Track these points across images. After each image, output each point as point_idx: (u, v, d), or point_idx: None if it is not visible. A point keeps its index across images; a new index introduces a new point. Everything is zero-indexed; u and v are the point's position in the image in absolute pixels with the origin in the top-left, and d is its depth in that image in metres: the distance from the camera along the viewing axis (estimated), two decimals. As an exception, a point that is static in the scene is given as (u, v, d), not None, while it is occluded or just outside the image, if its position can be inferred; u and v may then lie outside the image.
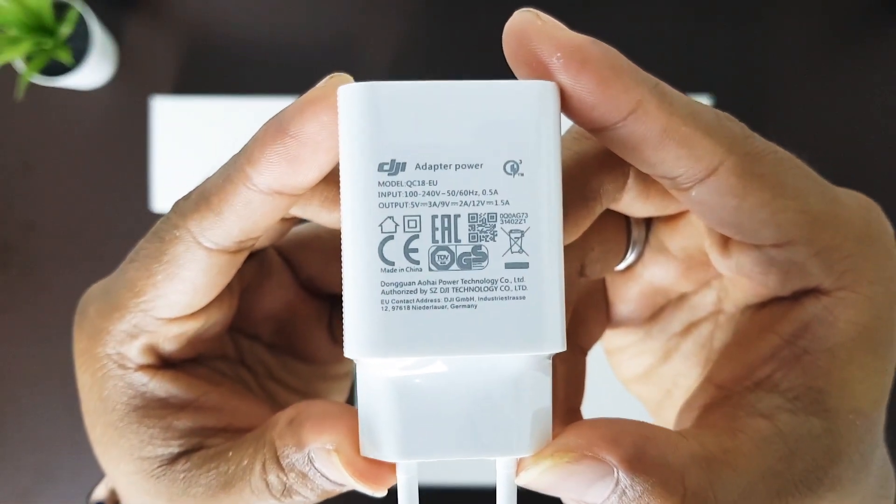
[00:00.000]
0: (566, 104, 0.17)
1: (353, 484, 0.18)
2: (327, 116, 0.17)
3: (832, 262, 0.18)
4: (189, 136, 0.73)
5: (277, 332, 0.25)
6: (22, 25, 0.67)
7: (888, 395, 0.19)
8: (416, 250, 0.16)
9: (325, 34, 0.76)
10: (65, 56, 0.68)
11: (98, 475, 0.76)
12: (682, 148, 0.17)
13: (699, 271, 0.22)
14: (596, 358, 0.25)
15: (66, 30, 0.68)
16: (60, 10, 0.70)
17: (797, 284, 0.19)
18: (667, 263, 0.23)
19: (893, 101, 0.75)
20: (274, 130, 0.17)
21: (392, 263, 0.16)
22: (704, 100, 0.71)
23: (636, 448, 0.17)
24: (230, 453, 0.19)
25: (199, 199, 0.19)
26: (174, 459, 0.20)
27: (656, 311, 0.24)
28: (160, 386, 0.20)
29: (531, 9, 0.17)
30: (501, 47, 0.17)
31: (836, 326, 0.18)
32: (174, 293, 0.19)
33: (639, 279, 0.23)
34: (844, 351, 0.18)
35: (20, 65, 0.69)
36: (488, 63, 0.75)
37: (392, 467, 0.18)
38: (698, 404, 0.20)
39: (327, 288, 0.25)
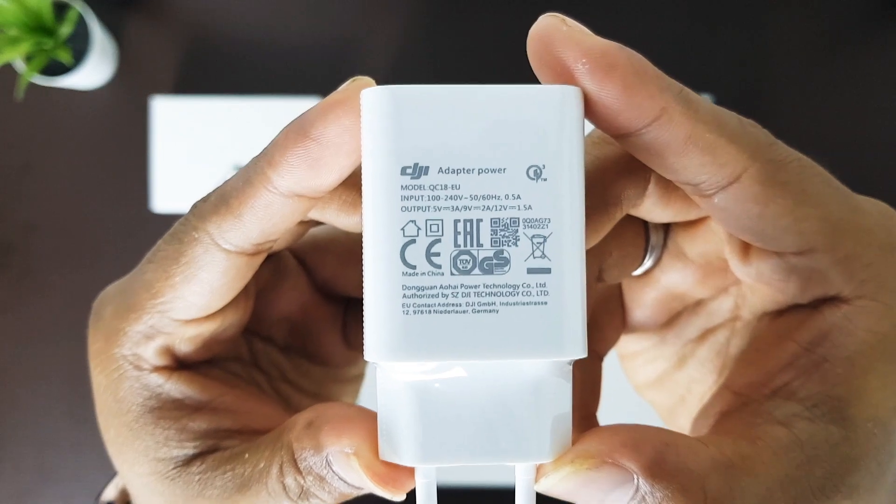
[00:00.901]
0: (590, 109, 0.17)
1: (371, 487, 0.18)
2: (349, 120, 0.17)
3: (853, 270, 0.18)
4: (189, 136, 0.73)
5: (291, 335, 0.25)
6: (22, 25, 0.67)
7: None
8: (438, 254, 0.16)
9: (325, 34, 0.76)
10: (65, 56, 0.68)
11: (99, 475, 0.76)
12: (706, 155, 0.17)
13: (717, 277, 0.22)
14: (609, 364, 0.25)
15: (66, 30, 0.68)
16: (60, 10, 0.70)
17: (817, 292, 0.19)
18: (684, 269, 0.22)
19: (893, 102, 0.75)
20: (295, 133, 0.17)
21: (414, 267, 0.16)
22: (704, 100, 0.71)
23: (656, 454, 0.17)
24: (246, 455, 0.19)
25: (219, 202, 0.19)
26: (189, 461, 0.20)
27: (672, 317, 0.24)
28: (176, 387, 0.20)
29: (556, 13, 0.17)
30: (504, 48, 0.17)
31: (855, 335, 0.18)
32: (192, 295, 0.19)
33: (656, 284, 0.23)
34: (863, 359, 0.18)
35: (20, 65, 0.69)
36: (490, 63, 0.75)
37: (411, 471, 0.18)
38: (715, 411, 0.20)
39: (342, 291, 0.25)
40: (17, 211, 0.75)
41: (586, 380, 0.22)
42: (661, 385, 0.25)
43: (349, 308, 0.25)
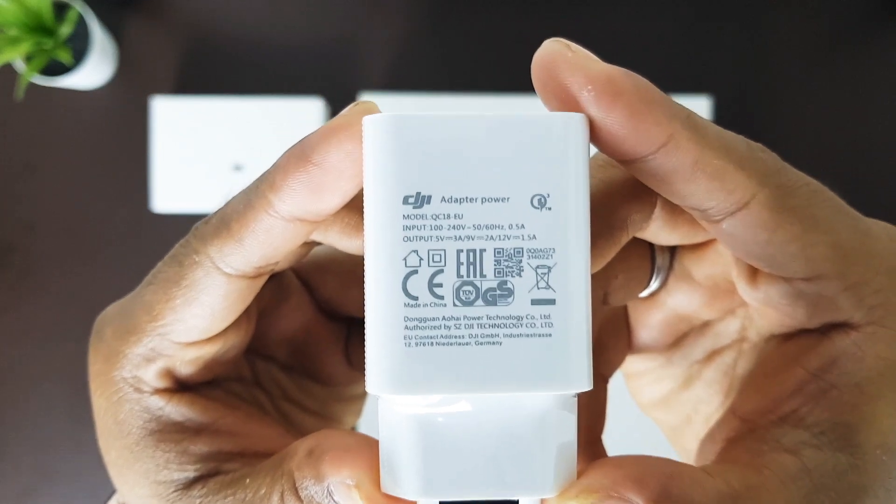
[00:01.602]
0: (595, 135, 0.17)
1: None
2: (351, 145, 0.17)
3: (862, 296, 0.18)
4: (189, 136, 0.73)
5: (294, 354, 0.25)
6: (22, 25, 0.67)
7: None
8: (440, 285, 0.16)
9: (325, 34, 0.76)
10: (65, 56, 0.68)
11: (99, 475, 0.76)
12: (714, 181, 0.17)
13: (724, 300, 0.22)
14: (614, 382, 0.25)
15: (66, 30, 0.68)
16: (60, 10, 0.70)
17: (826, 318, 0.19)
18: (691, 291, 0.22)
19: (893, 101, 0.75)
20: (297, 158, 0.17)
21: (416, 298, 0.16)
22: (704, 100, 0.71)
23: (662, 487, 0.16)
24: (247, 480, 0.19)
25: (220, 225, 0.18)
26: (190, 484, 0.20)
27: (679, 338, 0.24)
28: (176, 410, 0.20)
29: (561, 39, 0.17)
30: (505, 48, 0.17)
31: (865, 361, 0.18)
32: (192, 318, 0.19)
33: (662, 306, 0.23)
34: (872, 386, 0.18)
35: (20, 65, 0.69)
36: (491, 64, 0.75)
37: None
38: (722, 436, 0.20)
39: (345, 311, 0.25)
40: (17, 211, 0.75)
41: (592, 403, 0.22)
42: (666, 405, 0.25)
43: (352, 327, 0.25)
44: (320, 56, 0.75)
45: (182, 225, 0.23)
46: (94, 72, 0.72)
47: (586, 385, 0.16)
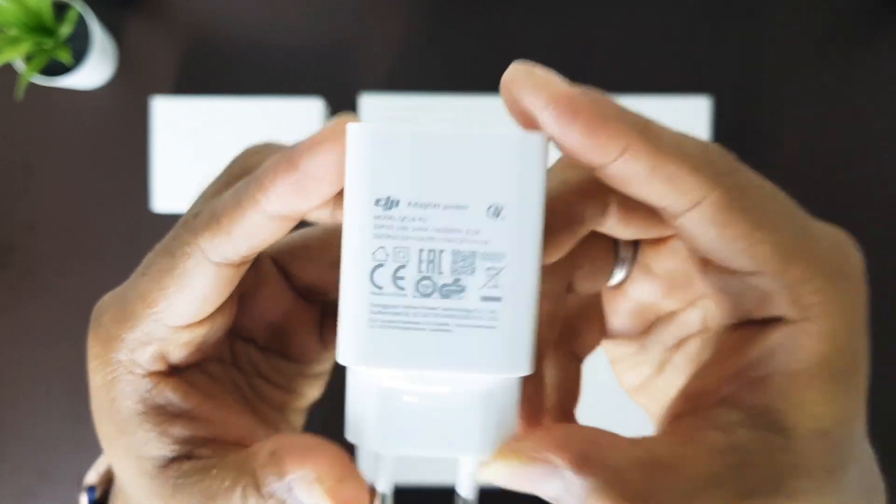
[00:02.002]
0: (559, 146, 0.18)
1: None
2: (334, 155, 0.19)
3: (799, 294, 0.19)
4: (189, 136, 0.73)
5: (273, 336, 0.27)
6: (22, 25, 0.67)
7: (857, 418, 0.20)
8: (402, 278, 0.19)
9: (325, 35, 0.76)
10: (65, 56, 0.68)
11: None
12: (668, 184, 0.19)
13: (683, 292, 0.24)
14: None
15: (66, 30, 0.68)
16: (60, 10, 0.70)
17: (766, 312, 0.20)
18: (651, 283, 0.25)
19: (893, 101, 0.75)
20: (285, 164, 0.19)
21: (381, 288, 0.19)
22: (704, 100, 0.71)
23: (581, 452, 0.19)
24: (214, 471, 0.21)
25: (210, 219, 0.21)
26: (167, 463, 0.22)
27: (648, 326, 0.26)
28: (160, 394, 0.22)
29: (526, 62, 0.19)
30: (503, 49, 0.18)
31: (797, 355, 0.19)
32: (184, 303, 0.21)
33: (628, 296, 0.25)
34: (804, 377, 0.19)
35: (20, 65, 0.69)
36: (489, 64, 0.75)
37: (370, 496, 0.20)
38: (670, 414, 0.22)
39: (319, 293, 0.27)
40: (17, 211, 0.75)
41: (564, 380, 0.24)
42: (645, 390, 0.27)
43: (326, 309, 0.28)
44: (320, 56, 0.75)
45: (182, 225, 0.24)
46: (94, 72, 0.72)
47: (523, 371, 0.19)
